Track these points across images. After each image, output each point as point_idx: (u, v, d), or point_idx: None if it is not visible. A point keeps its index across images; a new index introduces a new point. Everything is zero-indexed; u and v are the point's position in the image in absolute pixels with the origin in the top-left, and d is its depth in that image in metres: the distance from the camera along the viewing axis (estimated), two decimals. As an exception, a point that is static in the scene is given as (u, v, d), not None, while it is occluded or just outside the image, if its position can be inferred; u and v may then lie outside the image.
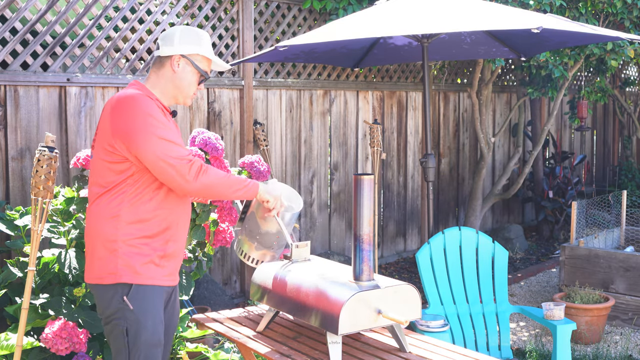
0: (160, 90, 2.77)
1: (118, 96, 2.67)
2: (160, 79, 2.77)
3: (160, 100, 2.75)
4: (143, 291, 2.64)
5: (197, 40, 2.78)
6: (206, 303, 5.07)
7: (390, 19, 4.07)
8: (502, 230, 8.05)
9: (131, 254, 2.63)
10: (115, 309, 2.64)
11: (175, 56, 2.75)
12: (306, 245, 3.03)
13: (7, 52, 4.32)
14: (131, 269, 2.62)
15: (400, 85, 7.15)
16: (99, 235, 2.65)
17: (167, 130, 2.62)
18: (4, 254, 4.24)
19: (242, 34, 5.60)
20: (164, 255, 2.70)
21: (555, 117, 9.40)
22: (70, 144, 4.60)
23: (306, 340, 2.88)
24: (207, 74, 2.83)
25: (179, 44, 2.75)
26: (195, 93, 2.86)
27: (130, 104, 2.62)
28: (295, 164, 6.16)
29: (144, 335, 2.64)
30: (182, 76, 2.77)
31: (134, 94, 2.65)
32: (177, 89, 2.79)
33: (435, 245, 4.33)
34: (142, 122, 2.59)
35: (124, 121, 2.60)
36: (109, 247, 2.63)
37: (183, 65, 2.77)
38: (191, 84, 2.80)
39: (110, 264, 2.63)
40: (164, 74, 2.77)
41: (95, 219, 2.67)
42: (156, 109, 2.65)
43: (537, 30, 3.70)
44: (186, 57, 2.76)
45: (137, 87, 2.74)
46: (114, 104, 2.65)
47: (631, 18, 6.41)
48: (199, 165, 2.63)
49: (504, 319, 4.32)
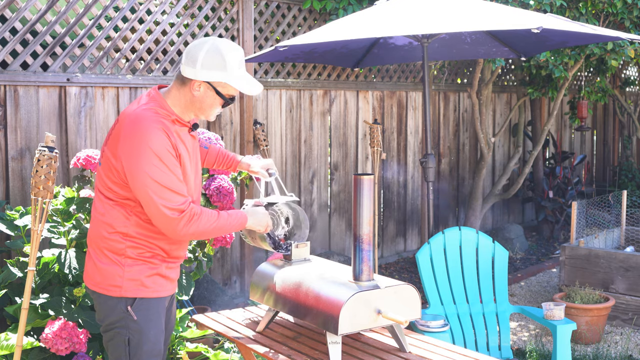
0: (181, 108, 2.63)
1: (134, 115, 2.54)
2: (181, 96, 2.62)
3: (179, 117, 2.63)
4: (147, 302, 2.61)
5: (222, 65, 2.56)
6: (206, 303, 5.07)
7: (390, 19, 4.07)
8: (502, 230, 8.05)
9: (138, 267, 2.59)
10: (117, 318, 2.60)
11: (196, 81, 2.58)
12: (306, 245, 3.03)
13: (7, 52, 4.32)
14: (137, 283, 2.58)
15: (400, 85, 7.15)
16: (105, 245, 2.60)
17: (167, 174, 2.49)
18: (4, 254, 4.24)
19: (242, 34, 5.60)
20: (169, 267, 2.68)
21: (555, 117, 9.40)
22: (70, 144, 4.60)
23: (306, 340, 2.88)
24: (233, 98, 2.66)
25: (201, 69, 2.56)
26: (219, 113, 2.69)
27: (141, 133, 2.49)
28: (295, 164, 6.16)
29: (146, 345, 2.61)
30: (203, 100, 2.62)
31: (149, 120, 2.51)
32: (199, 110, 2.65)
33: (435, 245, 4.33)
34: (145, 160, 2.47)
35: (129, 148, 2.50)
36: (115, 259, 2.58)
37: (204, 91, 2.61)
38: (213, 107, 2.65)
39: (116, 277, 2.57)
40: (185, 93, 2.62)
41: (101, 228, 2.61)
42: (165, 144, 2.49)
43: (537, 30, 3.70)
44: (208, 83, 2.59)
45: (157, 104, 2.59)
46: (127, 123, 2.53)
47: (631, 18, 6.41)
48: (190, 216, 2.51)
49: (504, 319, 4.32)
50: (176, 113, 2.63)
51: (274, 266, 3.00)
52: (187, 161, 2.64)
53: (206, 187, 3.65)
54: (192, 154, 2.71)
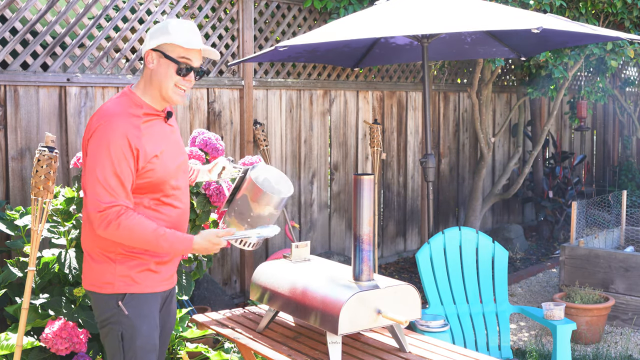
0: (149, 94, 2.66)
1: (99, 109, 2.61)
2: (145, 82, 2.66)
3: (151, 105, 2.65)
4: (138, 298, 2.63)
5: (165, 30, 2.63)
6: (206, 303, 5.07)
7: (390, 19, 4.07)
8: (502, 230, 8.05)
9: (129, 262, 2.61)
10: (110, 314, 2.63)
11: (147, 52, 2.64)
12: (306, 245, 3.03)
13: (7, 52, 4.32)
14: (128, 279, 2.61)
15: (400, 85, 7.15)
16: (97, 244, 2.63)
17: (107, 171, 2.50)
18: (4, 254, 4.24)
19: (242, 34, 5.60)
20: (160, 261, 2.69)
21: (555, 117, 9.40)
22: (70, 144, 4.60)
23: (306, 340, 2.88)
24: (186, 62, 2.64)
25: (150, 39, 2.65)
26: (182, 88, 2.66)
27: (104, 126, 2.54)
28: (295, 164, 6.16)
29: (139, 340, 2.63)
30: (158, 70, 2.63)
31: (114, 114, 2.56)
32: (158, 86, 2.64)
33: (435, 245, 4.33)
34: (99, 151, 2.52)
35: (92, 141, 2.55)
36: (107, 256, 2.61)
37: (156, 59, 2.63)
38: (168, 77, 2.63)
39: (108, 274, 2.61)
40: (145, 75, 2.66)
41: (92, 227, 2.62)
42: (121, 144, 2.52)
43: (537, 31, 3.70)
44: (157, 50, 2.63)
45: (126, 97, 2.64)
46: (94, 119, 2.59)
47: (631, 18, 6.42)
48: (108, 221, 2.49)
49: (504, 319, 4.32)
50: (147, 103, 2.65)
51: (274, 266, 3.00)
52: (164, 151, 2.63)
53: (206, 187, 3.66)
54: (171, 142, 2.71)
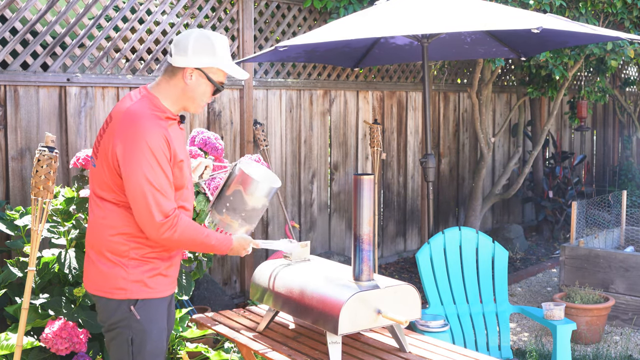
0: (171, 100, 2.64)
1: (130, 111, 2.54)
2: (171, 88, 2.62)
3: (169, 110, 2.63)
4: (150, 303, 2.61)
5: (212, 50, 2.60)
6: (206, 303, 5.07)
7: (390, 19, 4.07)
8: (502, 230, 8.05)
9: (141, 267, 2.58)
10: (120, 318, 2.58)
11: (188, 69, 2.60)
12: (306, 245, 3.03)
13: (7, 52, 4.31)
14: (141, 284, 2.58)
15: (400, 85, 7.15)
16: (107, 248, 2.58)
17: (161, 176, 2.50)
18: (4, 254, 4.24)
19: (242, 34, 5.60)
20: (170, 265, 2.69)
21: (555, 117, 9.40)
22: (70, 144, 4.60)
23: (306, 340, 2.88)
24: (223, 85, 2.69)
25: (193, 55, 2.57)
26: (208, 102, 2.73)
27: (138, 129, 2.49)
28: (295, 164, 6.16)
29: (150, 345, 2.61)
30: (195, 88, 2.63)
31: (146, 116, 2.52)
32: (190, 100, 2.65)
33: (435, 245, 4.33)
34: (142, 157, 2.47)
35: (126, 145, 2.49)
36: (118, 260, 2.57)
37: (196, 78, 2.62)
38: (204, 95, 2.66)
39: (120, 279, 2.56)
40: (175, 83, 2.62)
41: (102, 231, 2.59)
42: (161, 145, 2.51)
43: (537, 31, 3.70)
44: (200, 70, 2.61)
45: (148, 100, 2.59)
46: (123, 120, 2.53)
47: (631, 18, 6.41)
48: (172, 224, 2.51)
49: (504, 319, 4.32)
50: (167, 107, 2.64)
51: (274, 266, 3.00)
52: (182, 155, 2.64)
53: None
54: (184, 147, 2.72)
